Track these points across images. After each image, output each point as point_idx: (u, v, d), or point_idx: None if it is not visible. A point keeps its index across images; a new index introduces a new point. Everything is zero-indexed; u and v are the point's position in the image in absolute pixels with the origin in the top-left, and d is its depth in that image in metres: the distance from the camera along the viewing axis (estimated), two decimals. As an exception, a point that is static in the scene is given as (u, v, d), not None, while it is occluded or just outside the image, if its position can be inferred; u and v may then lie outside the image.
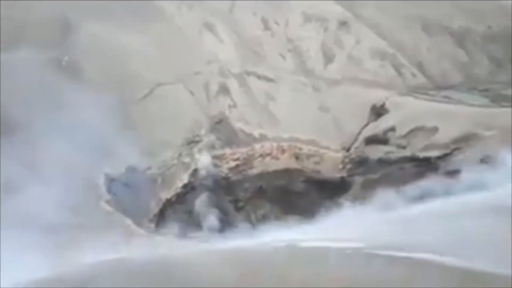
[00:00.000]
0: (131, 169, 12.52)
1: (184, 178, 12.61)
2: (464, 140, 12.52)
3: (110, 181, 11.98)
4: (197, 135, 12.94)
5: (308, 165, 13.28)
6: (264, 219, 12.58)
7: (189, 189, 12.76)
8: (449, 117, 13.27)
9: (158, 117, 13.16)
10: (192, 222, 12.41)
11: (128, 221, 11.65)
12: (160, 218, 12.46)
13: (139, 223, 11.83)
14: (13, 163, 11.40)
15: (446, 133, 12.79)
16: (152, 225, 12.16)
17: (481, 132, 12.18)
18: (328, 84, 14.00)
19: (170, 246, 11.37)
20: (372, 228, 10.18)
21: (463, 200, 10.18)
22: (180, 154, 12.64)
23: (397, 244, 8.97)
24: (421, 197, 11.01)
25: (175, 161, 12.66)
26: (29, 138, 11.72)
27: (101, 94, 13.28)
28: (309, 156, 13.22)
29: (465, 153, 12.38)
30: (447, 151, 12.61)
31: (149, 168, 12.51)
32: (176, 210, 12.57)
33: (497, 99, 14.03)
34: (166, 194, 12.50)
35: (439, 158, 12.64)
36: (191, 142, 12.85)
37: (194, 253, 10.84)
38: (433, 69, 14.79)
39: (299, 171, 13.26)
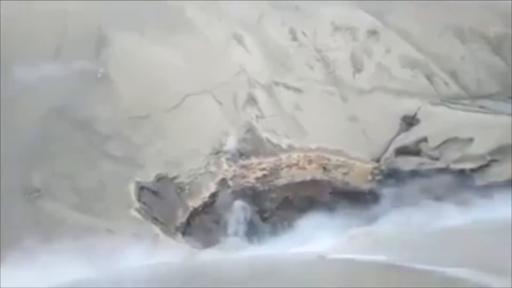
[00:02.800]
0: (160, 178, 11.92)
1: (211, 187, 11.93)
2: (501, 152, 11.28)
3: (140, 189, 11.41)
4: (225, 145, 12.19)
5: (336, 176, 12.40)
6: (291, 229, 11.64)
7: (216, 199, 11.99)
8: (485, 128, 12.23)
9: (186, 126, 12.69)
10: (218, 232, 11.62)
11: (157, 229, 11.04)
12: (187, 227, 11.78)
13: (166, 232, 11.20)
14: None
15: (482, 144, 11.70)
16: (179, 234, 11.49)
17: None
18: (357, 94, 13.08)
19: (196, 255, 10.70)
20: (402, 241, 9.55)
21: (497, 215, 9.55)
22: (207, 163, 11.97)
23: (430, 258, 8.43)
24: (456, 210, 9.81)
25: (203, 170, 12.02)
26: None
27: (131, 105, 12.78)
28: (337, 167, 12.32)
29: (502, 165, 11.14)
30: (483, 163, 11.38)
31: (177, 176, 11.91)
32: (202, 220, 11.85)
33: (536, 109, 12.72)
34: (193, 203, 11.89)
35: (474, 170, 11.45)
36: (219, 152, 12.15)
37: (220, 262, 10.18)
38: (468, 77, 13.65)
39: (327, 182, 12.39)
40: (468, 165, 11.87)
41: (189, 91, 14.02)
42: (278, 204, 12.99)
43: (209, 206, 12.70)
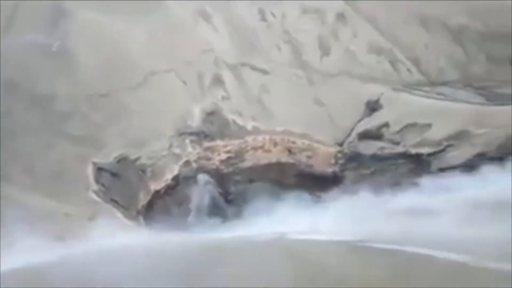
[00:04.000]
0: (120, 159, 10.91)
1: (175, 170, 11.03)
2: (457, 138, 11.13)
3: (98, 170, 10.39)
4: (189, 126, 11.31)
5: (301, 159, 11.86)
6: (254, 212, 11.04)
7: (179, 181, 11.16)
8: (443, 114, 11.99)
9: (149, 106, 11.61)
10: (182, 215, 10.85)
11: (117, 213, 10.14)
12: (149, 209, 10.91)
13: (127, 215, 10.30)
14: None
15: (439, 130, 11.47)
16: (141, 217, 10.61)
17: (474, 130, 10.85)
18: (324, 78, 12.43)
19: (158, 238, 9.94)
20: (363, 222, 9.33)
21: (455, 195, 9.35)
22: (171, 145, 11.05)
23: (388, 238, 8.23)
24: (413, 192, 9.60)
25: (166, 152, 11.09)
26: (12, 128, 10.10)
27: (92, 82, 11.62)
28: (301, 150, 11.76)
29: (457, 150, 11.02)
30: (440, 148, 11.25)
31: (138, 158, 10.94)
32: (165, 202, 11.01)
33: (493, 98, 12.70)
34: (156, 186, 10.99)
35: (431, 154, 11.31)
36: (183, 133, 11.24)
37: (184, 245, 9.50)
38: (429, 65, 13.30)
39: (291, 165, 11.82)
40: (425, 150, 11.77)
41: (153, 68, 12.93)
42: (243, 187, 12.40)
43: (172, 188, 11.92)
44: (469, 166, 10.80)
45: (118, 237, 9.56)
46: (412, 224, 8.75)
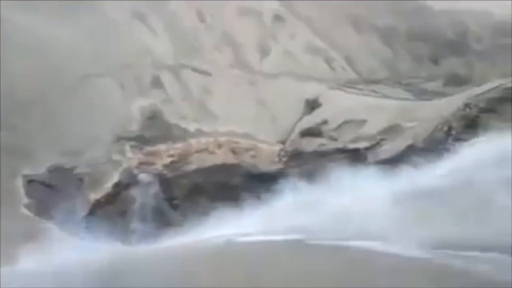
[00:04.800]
0: (55, 169, 9.82)
1: (115, 177, 10.13)
2: (389, 132, 11.46)
3: (29, 182, 9.24)
4: (128, 131, 10.46)
5: (245, 159, 11.49)
6: (201, 215, 10.50)
7: (121, 189, 10.27)
8: (376, 110, 12.24)
9: (84, 112, 10.55)
10: (125, 224, 9.99)
11: (51, 226, 9.09)
12: (89, 220, 9.94)
13: (64, 228, 9.27)
14: None
15: (373, 126, 11.72)
16: (81, 229, 9.62)
17: (404, 123, 11.20)
18: (264, 78, 12.15)
19: (100, 250, 9.05)
20: (307, 219, 9.26)
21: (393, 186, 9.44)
22: (109, 151, 10.13)
23: (333, 234, 8.29)
24: (353, 188, 9.62)
25: (104, 159, 10.16)
26: None
27: (21, 87, 10.36)
28: (246, 150, 11.39)
29: (390, 143, 11.33)
30: (375, 142, 11.53)
31: (75, 167, 9.91)
32: (106, 212, 10.07)
33: (418, 93, 13.26)
34: (96, 195, 10.00)
35: (367, 149, 11.55)
36: (122, 139, 10.36)
37: (129, 256, 8.75)
38: (362, 64, 13.56)
39: (236, 166, 11.41)
40: (362, 144, 12.00)
41: (87, 72, 11.88)
42: (188, 191, 11.78)
43: (113, 196, 11.00)
44: (401, 157, 11.10)
45: (55, 252, 8.61)
46: (351, 218, 8.75)
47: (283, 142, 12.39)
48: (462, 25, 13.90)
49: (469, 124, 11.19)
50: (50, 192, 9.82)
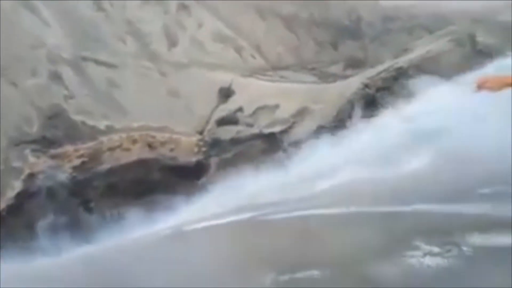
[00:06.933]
0: None
1: (17, 186, 9.13)
2: (300, 114, 12.28)
3: None
4: (27, 134, 9.49)
5: (163, 153, 11.22)
6: (121, 215, 10.02)
7: (25, 198, 9.30)
8: (286, 95, 12.92)
9: (-30, 116, 9.26)
10: (32, 237, 9.09)
11: None
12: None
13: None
14: None
15: (286, 110, 12.41)
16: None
17: (312, 106, 12.13)
18: (175, 68, 11.94)
19: (9, 270, 8.16)
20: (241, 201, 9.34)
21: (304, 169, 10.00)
22: (7, 158, 9.09)
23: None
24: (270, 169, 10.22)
25: (2, 167, 9.09)
26: None
27: None
28: (163, 144, 11.11)
29: (302, 125, 12.18)
30: (288, 125, 12.27)
31: (-35, 179, 8.71)
32: (9, 225, 9.05)
33: (323, 76, 14.35)
34: (-5, 208, 8.90)
35: (282, 132, 12.23)
36: (20, 143, 9.36)
37: (44, 272, 8.02)
38: (269, 51, 14.10)
39: (154, 160, 11.08)
40: (277, 129, 12.58)
41: (-32, 70, 10.46)
42: (103, 191, 11.12)
43: (17, 208, 9.91)
44: (313, 138, 11.97)
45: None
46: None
47: (200, 132, 12.37)
48: (355, 13, 15.23)
49: (369, 102, 12.47)
50: None
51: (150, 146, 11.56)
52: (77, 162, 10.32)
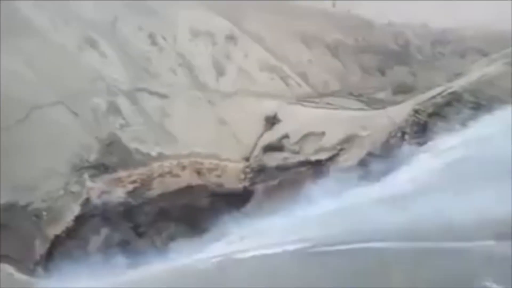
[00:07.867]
0: (7, 207, 9.32)
1: (75, 210, 9.78)
2: (347, 142, 12.18)
3: (-20, 224, 8.67)
4: (87, 160, 10.21)
5: (211, 179, 11.58)
6: (170, 241, 10.37)
7: (82, 222, 9.92)
8: (333, 122, 12.91)
9: (37, 143, 10.16)
10: (87, 259, 9.61)
11: (10, 269, 8.59)
12: (49, 258, 9.45)
13: (22, 269, 8.76)
14: None
15: (332, 136, 12.35)
16: (39, 269, 9.12)
17: (360, 132, 11.95)
18: (223, 97, 12.42)
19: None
20: (294, 229, 9.56)
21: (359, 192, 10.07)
22: (67, 183, 9.80)
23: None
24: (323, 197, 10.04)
25: (62, 192, 9.79)
26: None
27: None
28: (210, 170, 11.48)
29: (348, 153, 12.04)
30: (334, 152, 12.19)
31: (30, 203, 9.47)
32: (67, 248, 9.65)
33: (370, 103, 14.19)
34: (55, 230, 9.58)
35: (328, 159, 12.17)
36: (80, 169, 10.08)
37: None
38: (315, 78, 14.28)
39: (202, 187, 11.44)
40: (323, 156, 12.56)
41: (36, 102, 11.50)
42: (154, 217, 11.59)
43: (74, 231, 10.56)
44: (361, 165, 11.77)
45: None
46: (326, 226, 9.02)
47: (247, 159, 12.63)
48: (402, 37, 15.14)
49: (420, 129, 12.14)
50: (4, 232, 9.28)
51: (199, 172, 11.97)
52: (130, 187, 10.90)
